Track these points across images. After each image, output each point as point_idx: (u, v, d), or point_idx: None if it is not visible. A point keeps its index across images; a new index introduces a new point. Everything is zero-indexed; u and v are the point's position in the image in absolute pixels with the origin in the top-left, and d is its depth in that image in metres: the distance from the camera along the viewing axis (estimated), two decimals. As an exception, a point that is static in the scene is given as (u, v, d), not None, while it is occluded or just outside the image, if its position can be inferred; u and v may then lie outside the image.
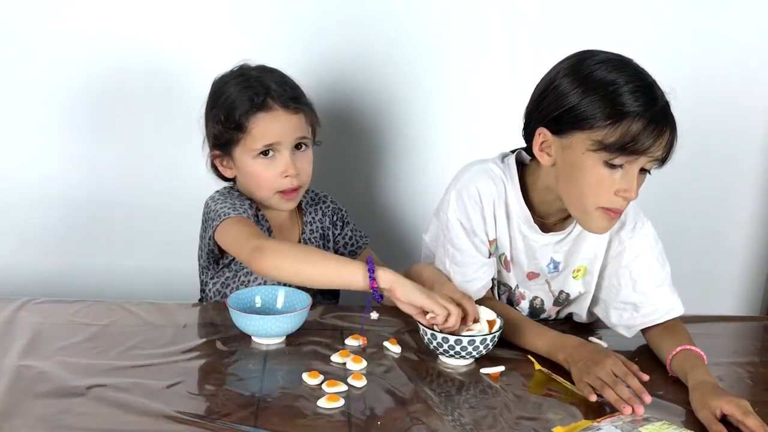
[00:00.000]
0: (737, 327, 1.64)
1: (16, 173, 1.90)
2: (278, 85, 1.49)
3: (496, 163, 1.44)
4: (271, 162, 1.48)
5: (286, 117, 1.48)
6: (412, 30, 1.89)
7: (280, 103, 1.47)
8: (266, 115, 1.47)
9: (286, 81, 1.52)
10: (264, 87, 1.48)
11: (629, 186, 1.28)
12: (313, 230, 1.61)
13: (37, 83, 1.85)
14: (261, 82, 1.49)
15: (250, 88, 1.48)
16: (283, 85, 1.50)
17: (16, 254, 1.93)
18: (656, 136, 1.25)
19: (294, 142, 1.49)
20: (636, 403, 1.16)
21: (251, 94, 1.47)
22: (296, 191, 1.51)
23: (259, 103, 1.46)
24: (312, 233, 1.60)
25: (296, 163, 1.49)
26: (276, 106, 1.47)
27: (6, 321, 1.38)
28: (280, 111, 1.47)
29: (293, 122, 1.49)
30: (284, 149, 1.48)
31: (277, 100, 1.47)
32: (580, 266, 1.47)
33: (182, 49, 1.84)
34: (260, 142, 1.47)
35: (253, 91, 1.47)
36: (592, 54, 1.31)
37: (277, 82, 1.49)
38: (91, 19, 1.81)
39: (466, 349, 1.29)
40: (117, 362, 1.24)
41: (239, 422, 1.09)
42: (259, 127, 1.47)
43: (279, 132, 1.47)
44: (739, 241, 2.16)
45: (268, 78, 1.50)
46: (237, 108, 1.47)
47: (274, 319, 1.32)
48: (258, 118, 1.46)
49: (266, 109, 1.47)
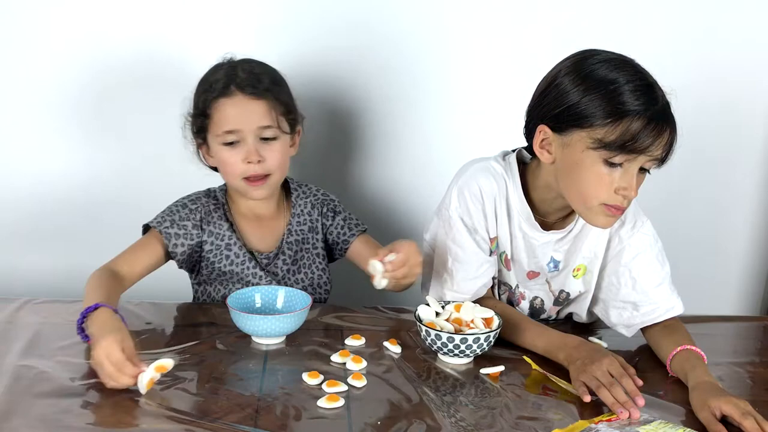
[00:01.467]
0: (737, 327, 1.64)
1: (15, 173, 1.90)
2: (246, 73, 1.47)
3: (498, 161, 1.45)
4: (236, 149, 1.46)
5: (246, 103, 1.45)
6: (412, 27, 1.89)
7: (240, 89, 1.45)
8: (227, 100, 1.45)
9: (256, 70, 1.49)
10: (231, 74, 1.47)
11: (628, 184, 1.29)
12: (300, 222, 1.59)
13: (34, 83, 1.84)
14: (230, 70, 1.48)
15: (219, 75, 1.48)
16: (252, 73, 1.48)
17: (16, 254, 1.93)
18: (656, 136, 1.25)
19: (257, 131, 1.46)
20: (632, 407, 1.16)
21: (214, 80, 1.47)
22: (263, 180, 1.49)
23: (220, 88, 1.46)
24: (299, 225, 1.59)
25: (261, 151, 1.47)
26: (236, 92, 1.45)
27: (6, 321, 1.38)
28: (240, 96, 1.45)
29: (253, 108, 1.46)
30: (248, 136, 1.46)
31: (238, 86, 1.45)
32: (580, 265, 1.48)
33: (181, 47, 1.84)
34: (221, 128, 1.46)
35: (219, 78, 1.47)
36: (594, 53, 1.31)
37: (248, 71, 1.48)
38: (88, 17, 1.80)
39: (465, 347, 1.29)
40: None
41: (239, 422, 1.09)
42: (219, 112, 1.46)
43: (238, 117, 1.45)
44: (739, 241, 2.16)
45: (241, 67, 1.49)
46: (203, 95, 1.48)
47: (274, 319, 1.32)
48: (219, 104, 1.46)
49: (227, 94, 1.45)
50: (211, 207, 1.56)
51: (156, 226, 1.51)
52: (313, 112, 1.90)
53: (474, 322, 1.34)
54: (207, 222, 1.54)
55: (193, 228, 1.52)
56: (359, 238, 1.62)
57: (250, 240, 1.57)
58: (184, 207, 1.54)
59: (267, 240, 1.58)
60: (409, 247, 1.35)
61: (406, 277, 1.36)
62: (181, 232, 1.51)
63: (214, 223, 1.54)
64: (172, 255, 1.52)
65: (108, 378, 1.15)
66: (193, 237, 1.52)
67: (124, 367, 1.14)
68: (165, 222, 1.51)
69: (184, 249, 1.52)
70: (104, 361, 1.15)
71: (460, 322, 1.35)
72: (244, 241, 1.56)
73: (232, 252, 1.54)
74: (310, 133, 1.90)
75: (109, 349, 1.15)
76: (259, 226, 1.58)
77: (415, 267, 1.36)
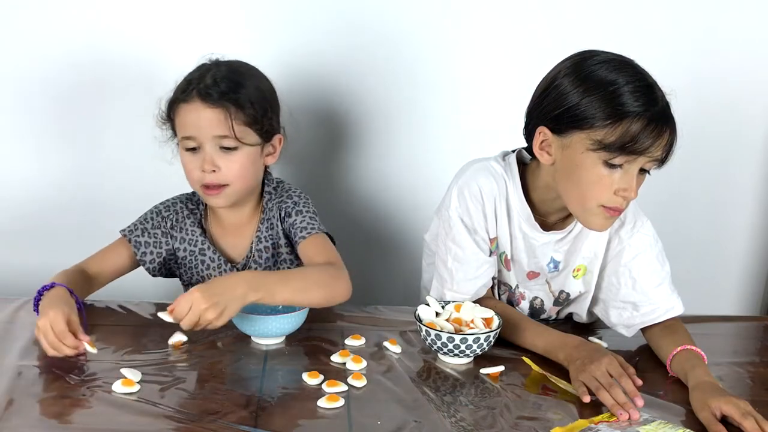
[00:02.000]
0: (737, 327, 1.64)
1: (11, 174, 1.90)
2: (214, 80, 1.42)
3: (498, 161, 1.45)
4: (195, 155, 1.43)
5: (203, 110, 1.41)
6: (412, 27, 1.89)
7: (199, 96, 1.41)
8: (185, 105, 1.43)
9: (228, 77, 1.44)
10: (197, 80, 1.43)
11: (628, 185, 1.29)
12: (268, 227, 1.54)
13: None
14: (205, 72, 1.45)
15: (188, 79, 1.45)
16: (221, 80, 1.43)
17: (16, 254, 1.93)
18: (656, 137, 1.25)
19: (215, 139, 1.41)
20: (631, 408, 1.16)
21: (184, 84, 1.45)
22: (219, 189, 1.44)
23: (180, 92, 1.44)
24: (268, 230, 1.54)
25: (218, 160, 1.42)
26: (195, 99, 1.41)
27: (6, 321, 1.38)
28: (198, 103, 1.41)
29: (209, 117, 1.41)
30: (206, 144, 1.42)
31: (199, 93, 1.41)
32: (580, 265, 1.48)
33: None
34: (181, 133, 1.44)
35: (186, 82, 1.45)
36: (594, 54, 1.31)
37: (217, 77, 1.43)
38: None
39: (465, 347, 1.29)
40: (117, 362, 1.24)
41: (239, 422, 1.09)
42: (179, 117, 1.44)
43: (193, 124, 1.42)
44: (739, 241, 2.16)
45: (213, 71, 1.44)
46: (171, 96, 1.47)
47: (274, 319, 1.32)
48: (179, 108, 1.44)
49: (186, 100, 1.42)
50: (185, 213, 1.55)
51: (127, 234, 1.52)
52: (312, 113, 1.90)
53: (474, 322, 1.34)
54: (179, 229, 1.54)
55: (162, 236, 1.53)
56: (303, 245, 1.49)
57: (222, 247, 1.55)
58: (158, 214, 1.54)
59: (238, 247, 1.55)
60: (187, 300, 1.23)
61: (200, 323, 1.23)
62: (151, 241, 1.52)
63: (186, 230, 1.54)
64: (141, 263, 1.53)
65: (49, 346, 1.22)
66: (161, 245, 1.53)
67: (65, 338, 1.22)
68: (137, 231, 1.52)
69: (153, 257, 1.52)
70: (48, 331, 1.22)
71: (460, 322, 1.35)
72: (217, 247, 1.55)
73: (207, 257, 1.53)
74: (310, 134, 1.91)
75: (54, 319, 1.22)
76: (230, 234, 1.56)
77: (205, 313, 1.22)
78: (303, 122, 1.78)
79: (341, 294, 1.38)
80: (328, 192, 1.97)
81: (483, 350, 1.31)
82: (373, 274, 2.03)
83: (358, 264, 1.61)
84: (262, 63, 1.53)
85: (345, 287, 1.39)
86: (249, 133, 1.44)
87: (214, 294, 1.23)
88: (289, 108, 1.58)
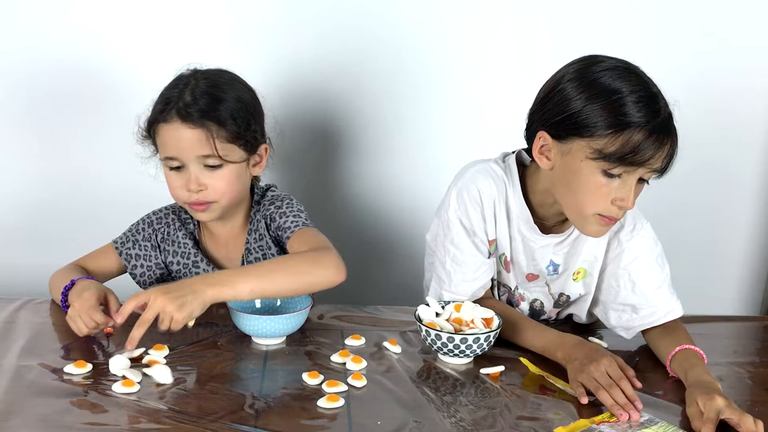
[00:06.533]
0: (737, 327, 1.64)
1: (14, 173, 1.90)
2: (193, 97, 1.39)
3: (498, 163, 1.44)
4: (180, 173, 1.41)
5: (184, 131, 1.38)
6: (412, 29, 1.89)
7: (179, 116, 1.37)
8: (166, 126, 1.39)
9: (207, 92, 1.40)
10: (176, 97, 1.39)
11: (626, 195, 1.28)
12: (257, 239, 1.52)
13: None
14: (180, 91, 1.40)
15: (167, 96, 1.41)
16: (200, 96, 1.39)
17: (16, 254, 1.93)
18: (656, 148, 1.24)
19: (198, 159, 1.39)
20: (631, 409, 1.16)
21: (162, 102, 1.41)
22: (206, 205, 1.42)
23: (158, 111, 1.40)
24: (256, 242, 1.52)
25: (203, 179, 1.40)
26: (175, 119, 1.38)
27: (6, 321, 1.38)
28: (178, 124, 1.38)
29: (190, 137, 1.37)
30: (189, 163, 1.39)
31: (179, 113, 1.37)
32: (580, 268, 1.47)
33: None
34: (163, 153, 1.42)
35: (165, 100, 1.40)
36: (599, 60, 1.30)
37: (196, 93, 1.39)
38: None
39: (465, 347, 1.29)
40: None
41: (239, 422, 1.09)
42: (159, 137, 1.41)
43: (175, 145, 1.39)
44: (739, 241, 2.17)
45: (192, 87, 1.40)
46: (151, 115, 1.43)
47: (274, 319, 1.32)
48: (159, 128, 1.40)
49: (166, 120, 1.39)
50: (177, 225, 1.54)
51: (119, 247, 1.52)
52: (310, 114, 1.90)
53: (474, 322, 1.34)
54: (170, 242, 1.53)
55: (152, 249, 1.53)
56: (292, 239, 1.46)
57: (217, 260, 1.55)
58: (150, 225, 1.54)
59: (232, 260, 1.54)
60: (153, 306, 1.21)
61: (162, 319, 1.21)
62: (141, 253, 1.53)
63: (178, 242, 1.53)
64: (132, 276, 1.53)
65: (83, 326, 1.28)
66: (152, 258, 1.53)
67: (94, 314, 1.28)
68: (128, 243, 1.52)
69: (144, 270, 1.52)
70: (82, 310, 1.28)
71: (460, 322, 1.35)
72: (211, 259, 1.54)
73: (200, 269, 1.53)
74: (309, 135, 1.91)
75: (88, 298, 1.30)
76: (222, 246, 1.55)
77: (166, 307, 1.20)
78: (301, 126, 1.78)
79: (326, 276, 1.33)
80: (328, 193, 1.97)
81: (483, 350, 1.31)
82: (374, 275, 2.03)
83: (358, 265, 1.62)
84: (259, 67, 1.53)
85: (332, 270, 1.33)
86: (233, 149, 1.41)
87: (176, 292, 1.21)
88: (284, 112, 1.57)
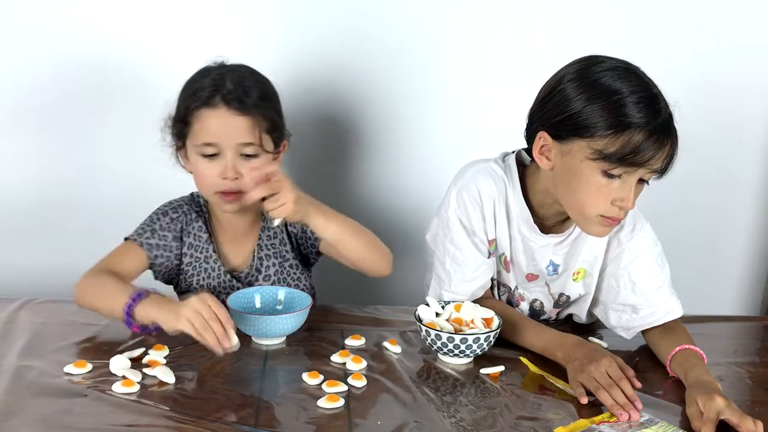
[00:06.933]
0: (737, 327, 1.64)
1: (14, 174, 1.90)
2: (234, 85, 1.40)
3: (498, 163, 1.44)
4: (213, 162, 1.41)
5: (229, 117, 1.39)
6: (413, 29, 1.89)
7: (224, 102, 1.39)
8: (209, 111, 1.39)
9: (246, 82, 1.42)
10: (217, 84, 1.40)
11: (626, 196, 1.28)
12: (269, 236, 1.54)
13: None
14: (218, 78, 1.41)
15: (204, 82, 1.42)
16: (240, 85, 1.41)
17: (16, 254, 1.93)
18: (656, 149, 1.24)
19: (237, 146, 1.40)
20: (631, 409, 1.16)
21: (199, 88, 1.41)
22: (237, 195, 1.42)
23: (204, 98, 1.39)
24: (269, 239, 1.54)
25: (239, 167, 1.41)
26: (220, 105, 1.39)
27: (6, 321, 1.38)
28: (223, 110, 1.39)
29: (236, 124, 1.39)
30: (227, 151, 1.40)
31: (223, 99, 1.39)
32: (580, 269, 1.47)
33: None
34: (200, 139, 1.40)
35: (204, 86, 1.41)
36: (600, 60, 1.30)
37: (236, 82, 1.41)
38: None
39: (465, 347, 1.29)
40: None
41: (239, 422, 1.09)
42: (200, 122, 1.40)
43: (218, 131, 1.39)
44: (739, 241, 2.16)
45: (229, 76, 1.42)
46: (186, 100, 1.43)
47: (274, 319, 1.32)
48: (200, 114, 1.40)
49: (210, 105, 1.39)
50: (193, 215, 1.53)
51: (137, 238, 1.47)
52: (312, 114, 1.90)
53: (474, 322, 1.34)
54: (187, 233, 1.52)
55: (173, 239, 1.50)
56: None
57: (227, 256, 1.54)
58: (165, 215, 1.51)
59: (242, 255, 1.54)
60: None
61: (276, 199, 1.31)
62: (161, 243, 1.49)
63: (194, 235, 1.52)
64: (151, 267, 1.50)
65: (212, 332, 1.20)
66: (172, 248, 1.50)
67: (221, 312, 1.22)
68: (145, 233, 1.48)
69: (163, 260, 1.49)
70: (205, 308, 1.21)
71: (460, 322, 1.35)
72: (220, 254, 1.53)
73: (209, 266, 1.52)
74: (310, 135, 1.90)
75: (206, 298, 1.22)
76: (233, 242, 1.54)
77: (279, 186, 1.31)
78: (303, 126, 1.78)
79: (385, 261, 1.45)
80: (328, 193, 1.96)
81: (483, 350, 1.31)
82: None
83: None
84: (259, 68, 1.52)
85: (388, 259, 1.45)
86: (268, 140, 1.43)
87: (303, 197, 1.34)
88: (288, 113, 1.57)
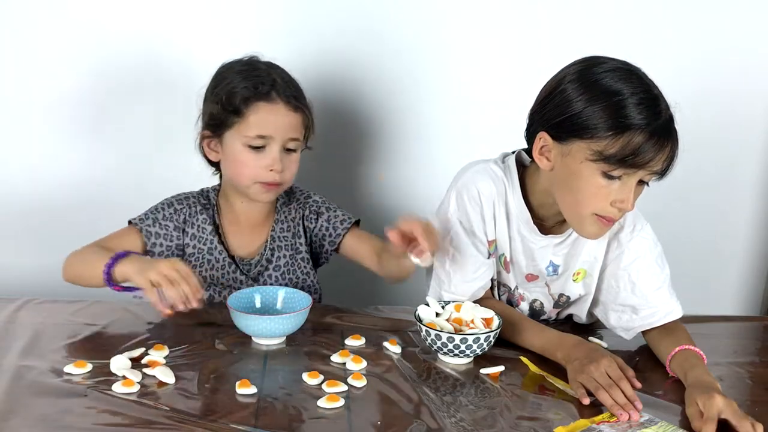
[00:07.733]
0: (737, 327, 1.64)
1: (16, 175, 1.90)
2: (283, 81, 1.49)
3: (497, 164, 1.44)
4: (259, 154, 1.47)
5: (285, 112, 1.47)
6: (414, 29, 1.89)
7: (283, 98, 1.47)
8: (267, 105, 1.46)
9: (291, 80, 1.52)
10: (270, 78, 1.48)
11: (626, 197, 1.28)
12: (283, 229, 1.59)
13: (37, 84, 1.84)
14: (268, 73, 1.49)
15: (257, 76, 1.48)
16: (288, 82, 1.50)
17: (16, 254, 1.93)
18: (657, 151, 1.24)
19: (286, 141, 1.48)
20: (631, 409, 1.16)
21: (257, 81, 1.47)
22: (277, 186, 1.50)
23: (263, 92, 1.46)
24: (282, 231, 1.58)
25: (283, 160, 1.48)
26: (278, 99, 1.47)
27: (6, 321, 1.38)
28: (281, 105, 1.47)
29: (290, 119, 1.48)
30: (275, 144, 1.47)
31: (281, 94, 1.47)
32: (580, 269, 1.47)
33: (181, 49, 1.84)
34: (254, 131, 1.46)
35: (259, 80, 1.47)
36: (601, 61, 1.29)
37: (283, 79, 1.50)
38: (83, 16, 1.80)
39: (465, 347, 1.29)
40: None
41: (239, 422, 1.09)
42: (257, 115, 1.46)
43: (274, 125, 1.47)
44: (739, 241, 2.16)
45: (274, 72, 1.50)
46: (239, 92, 1.47)
47: (274, 319, 1.32)
48: (258, 107, 1.46)
49: (268, 99, 1.46)
50: (198, 208, 1.56)
51: (138, 223, 1.52)
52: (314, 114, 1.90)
53: (474, 322, 1.34)
54: (190, 224, 1.54)
55: (174, 229, 1.54)
56: (350, 234, 1.61)
57: (233, 246, 1.57)
58: (170, 206, 1.55)
59: (251, 246, 1.57)
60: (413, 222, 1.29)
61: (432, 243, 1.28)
62: (162, 232, 1.53)
63: (198, 226, 1.54)
64: (149, 254, 1.52)
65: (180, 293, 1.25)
66: (173, 238, 1.53)
67: (190, 277, 1.27)
68: (148, 220, 1.53)
69: (162, 249, 1.52)
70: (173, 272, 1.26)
71: (460, 322, 1.35)
72: (226, 246, 1.56)
73: (213, 256, 1.54)
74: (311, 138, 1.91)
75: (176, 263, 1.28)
76: (244, 232, 1.58)
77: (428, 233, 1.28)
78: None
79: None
80: (327, 193, 1.97)
81: (483, 350, 1.31)
82: (373, 275, 2.02)
83: (357, 264, 1.61)
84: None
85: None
86: (303, 136, 1.53)
87: None
88: None
